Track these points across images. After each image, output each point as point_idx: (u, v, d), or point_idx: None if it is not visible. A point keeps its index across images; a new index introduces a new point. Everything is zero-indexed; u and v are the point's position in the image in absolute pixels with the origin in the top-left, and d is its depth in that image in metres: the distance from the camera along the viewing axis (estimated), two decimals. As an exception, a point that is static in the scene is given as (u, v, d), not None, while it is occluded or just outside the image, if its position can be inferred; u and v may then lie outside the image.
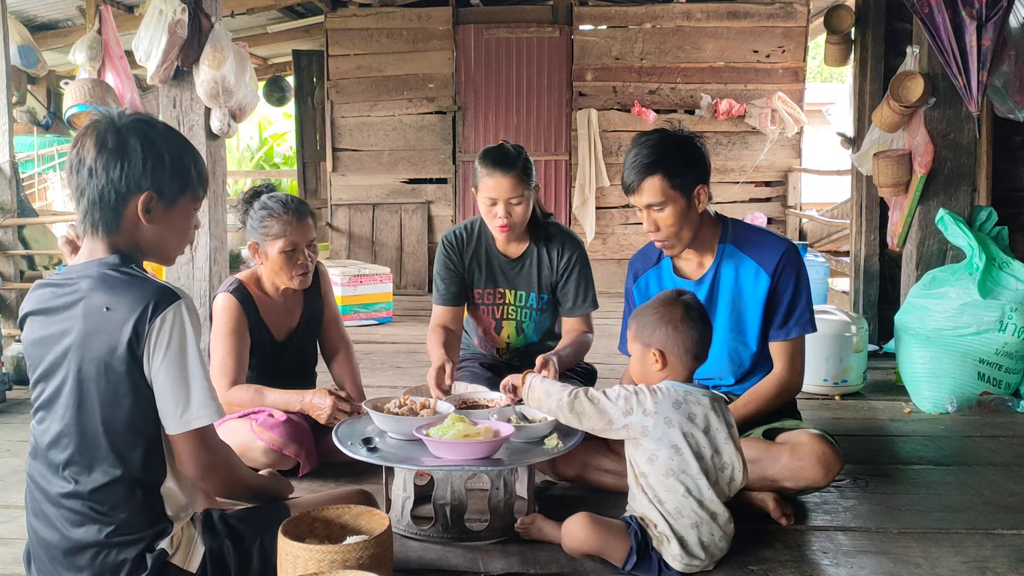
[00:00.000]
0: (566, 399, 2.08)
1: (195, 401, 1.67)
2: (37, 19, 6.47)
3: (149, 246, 1.75)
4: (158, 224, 1.72)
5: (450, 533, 2.23)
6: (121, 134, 1.67)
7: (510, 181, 2.78)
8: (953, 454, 3.06)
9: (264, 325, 2.76)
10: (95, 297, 1.65)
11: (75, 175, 1.68)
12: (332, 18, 7.47)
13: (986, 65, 3.59)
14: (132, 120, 1.71)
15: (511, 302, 3.02)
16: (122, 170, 1.66)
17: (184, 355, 1.65)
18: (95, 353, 1.64)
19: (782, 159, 7.47)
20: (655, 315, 2.12)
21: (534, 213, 2.94)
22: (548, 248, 2.97)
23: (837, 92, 12.83)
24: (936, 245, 4.04)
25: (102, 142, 1.66)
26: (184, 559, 1.75)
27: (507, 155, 2.81)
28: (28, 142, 6.94)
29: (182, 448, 1.71)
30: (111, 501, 1.67)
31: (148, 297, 1.63)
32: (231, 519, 1.86)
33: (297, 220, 2.68)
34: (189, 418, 1.67)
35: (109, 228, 1.69)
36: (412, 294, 7.41)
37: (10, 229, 4.55)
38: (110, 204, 1.67)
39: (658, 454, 2.01)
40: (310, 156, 8.94)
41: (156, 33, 3.93)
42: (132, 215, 1.69)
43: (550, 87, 7.41)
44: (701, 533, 2.01)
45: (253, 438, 2.59)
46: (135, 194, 1.68)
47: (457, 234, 3.02)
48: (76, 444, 1.68)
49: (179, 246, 1.81)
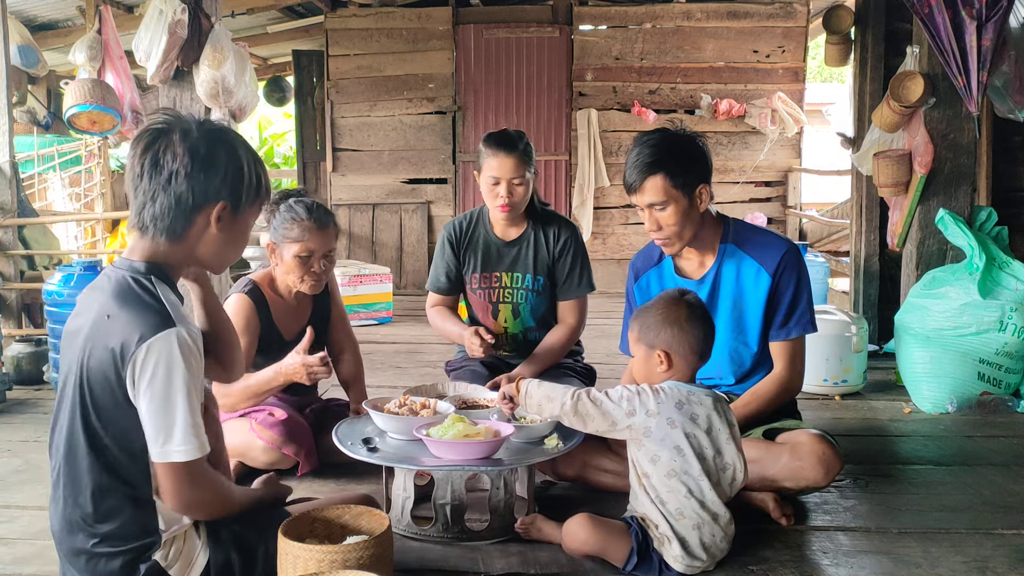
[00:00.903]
0: (569, 402, 2.07)
1: (177, 435, 1.62)
2: (37, 19, 6.46)
3: (206, 254, 1.75)
4: (224, 233, 1.73)
5: (450, 533, 2.23)
6: (209, 143, 1.68)
7: (512, 161, 2.91)
8: (953, 454, 3.06)
9: (274, 325, 2.78)
10: (107, 299, 1.66)
11: (149, 180, 1.66)
12: (332, 18, 7.46)
13: (986, 65, 3.59)
14: (216, 129, 1.72)
15: (508, 284, 3.08)
16: (207, 179, 1.67)
17: (169, 386, 1.61)
18: (96, 356, 1.64)
19: (782, 159, 7.47)
20: (659, 315, 2.11)
21: (532, 199, 3.05)
22: (545, 231, 3.07)
23: (837, 92, 12.81)
24: (936, 245, 4.04)
25: (192, 149, 1.66)
26: (183, 571, 1.73)
27: (510, 137, 2.96)
28: (28, 142, 6.93)
29: (163, 480, 1.66)
30: (101, 508, 1.66)
31: (142, 322, 1.61)
32: (235, 525, 1.83)
33: (318, 228, 2.69)
34: (169, 450, 1.63)
35: (175, 234, 1.69)
36: (412, 294, 7.41)
37: (10, 229, 4.55)
38: (186, 211, 1.67)
39: (660, 455, 2.01)
40: (310, 156, 8.93)
41: (156, 33, 3.93)
42: (202, 223, 1.71)
43: (550, 87, 7.41)
44: (703, 534, 2.01)
45: (253, 437, 2.59)
46: (212, 203, 1.69)
47: (458, 224, 3.13)
48: (66, 446, 1.67)
49: (236, 255, 1.83)
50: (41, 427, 3.40)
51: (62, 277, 3.89)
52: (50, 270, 5.04)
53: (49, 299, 3.91)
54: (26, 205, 4.96)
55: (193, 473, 1.67)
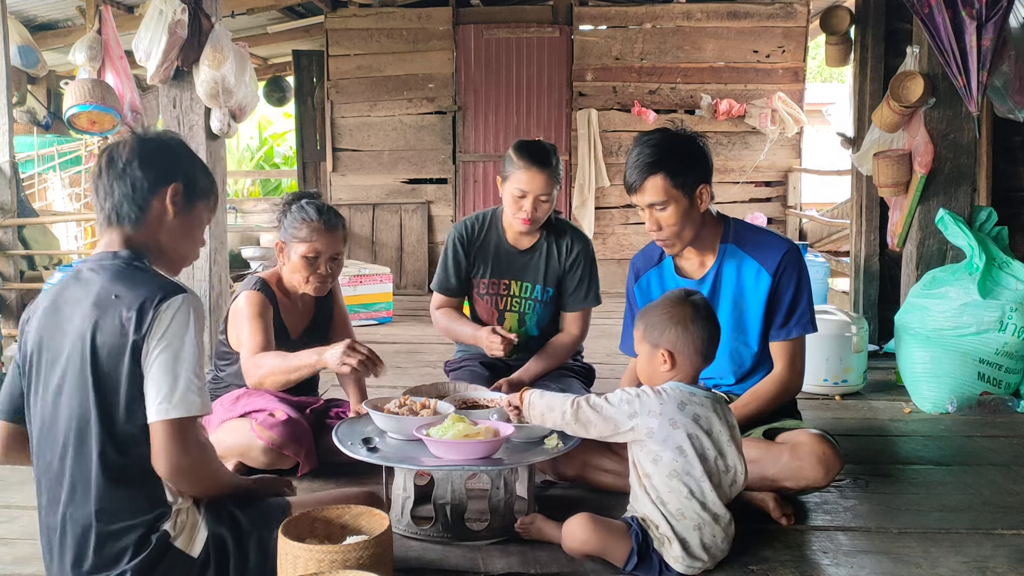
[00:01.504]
0: (570, 411, 2.06)
1: (179, 390, 1.66)
2: (37, 19, 6.46)
3: (167, 242, 1.82)
4: (180, 219, 1.81)
5: (450, 533, 2.23)
6: (160, 138, 1.83)
7: (544, 178, 2.86)
8: (953, 454, 3.06)
9: (282, 322, 2.79)
10: (106, 284, 1.71)
11: (107, 175, 1.77)
12: (332, 18, 7.47)
13: (986, 65, 3.59)
14: (167, 133, 1.89)
15: (516, 293, 3.06)
16: (159, 162, 1.79)
17: (181, 344, 1.67)
18: (102, 338, 1.67)
19: (782, 159, 7.47)
20: (665, 315, 2.10)
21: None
22: (558, 242, 3.04)
23: (837, 92, 12.80)
24: (936, 245, 4.04)
25: (142, 142, 1.79)
26: (187, 543, 1.76)
27: (545, 153, 2.89)
28: (28, 142, 6.93)
29: (156, 441, 1.68)
30: (109, 483, 1.69)
31: (156, 287, 1.70)
32: (233, 508, 1.85)
33: (327, 230, 2.70)
34: (168, 407, 1.66)
35: (136, 220, 1.78)
36: (412, 294, 7.41)
37: (10, 229, 4.55)
38: (143, 193, 1.76)
39: (662, 455, 2.00)
40: (310, 156, 8.93)
41: (156, 33, 3.93)
42: (158, 206, 1.79)
43: (550, 87, 7.41)
44: (703, 535, 2.01)
45: (253, 437, 2.59)
46: (165, 185, 1.78)
47: (468, 226, 3.08)
48: (76, 428, 1.69)
49: (190, 252, 1.89)
50: (41, 427, 3.40)
51: (62, 277, 3.89)
52: (50, 270, 5.04)
53: (49, 299, 3.90)
54: (26, 205, 4.96)
55: (186, 434, 1.69)
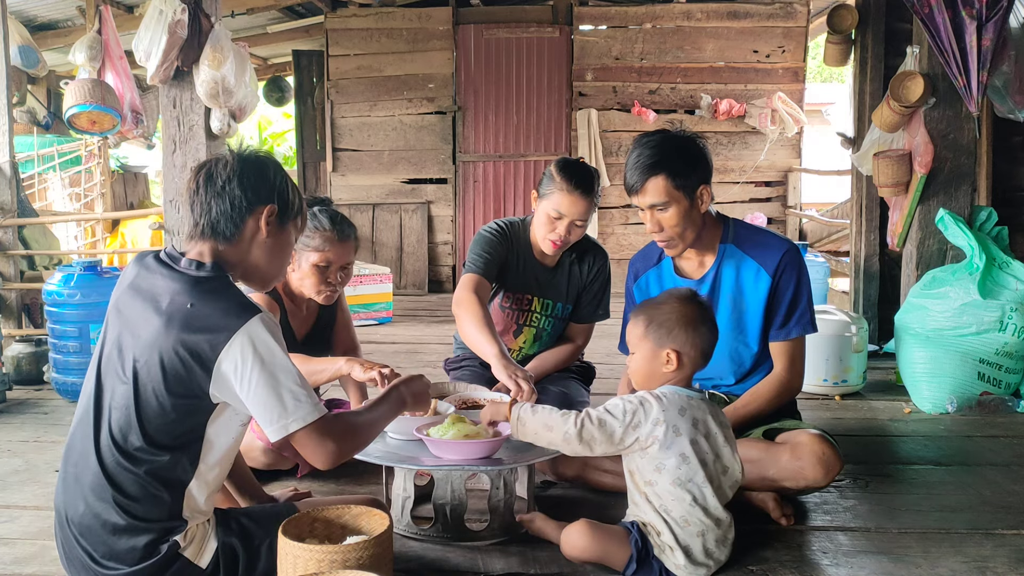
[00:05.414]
0: (573, 431, 2.00)
1: (288, 406, 1.71)
2: (37, 19, 6.47)
3: (257, 259, 1.86)
4: (272, 239, 1.85)
5: (450, 533, 2.23)
6: (258, 156, 1.88)
7: (585, 205, 2.80)
8: (953, 454, 3.06)
9: (289, 326, 2.80)
10: (184, 289, 1.73)
11: (205, 191, 1.81)
12: (332, 18, 7.47)
13: (986, 65, 3.59)
14: (261, 151, 1.93)
15: (537, 310, 3.03)
16: (257, 183, 1.82)
17: (273, 366, 1.70)
18: (179, 345, 1.69)
19: (782, 159, 7.47)
20: (672, 314, 2.05)
21: None
22: (580, 259, 3.03)
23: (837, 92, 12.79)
24: (936, 245, 4.04)
25: (243, 160, 1.84)
26: (196, 553, 1.78)
27: (589, 178, 2.81)
28: (28, 142, 6.94)
29: (299, 450, 1.77)
30: (134, 487, 1.72)
31: (230, 313, 1.71)
32: (243, 518, 1.89)
33: (339, 240, 2.70)
34: (287, 423, 1.72)
35: (230, 236, 1.81)
36: (412, 294, 7.41)
37: (10, 229, 4.55)
38: (240, 211, 1.80)
39: (666, 463, 1.99)
40: (310, 156, 8.93)
41: (156, 33, 3.93)
42: (253, 225, 1.82)
43: (550, 87, 7.41)
44: (706, 540, 2.00)
45: (252, 437, 2.59)
46: (262, 205, 1.82)
47: (506, 227, 2.98)
48: (120, 427, 1.72)
49: (279, 270, 1.93)
50: (41, 427, 3.40)
51: (62, 277, 3.89)
52: (50, 270, 5.05)
53: (49, 299, 3.91)
54: (26, 205, 4.96)
55: (317, 431, 1.75)
